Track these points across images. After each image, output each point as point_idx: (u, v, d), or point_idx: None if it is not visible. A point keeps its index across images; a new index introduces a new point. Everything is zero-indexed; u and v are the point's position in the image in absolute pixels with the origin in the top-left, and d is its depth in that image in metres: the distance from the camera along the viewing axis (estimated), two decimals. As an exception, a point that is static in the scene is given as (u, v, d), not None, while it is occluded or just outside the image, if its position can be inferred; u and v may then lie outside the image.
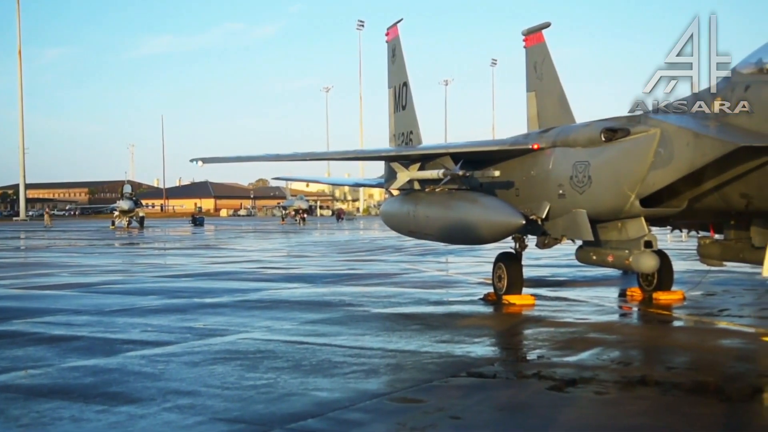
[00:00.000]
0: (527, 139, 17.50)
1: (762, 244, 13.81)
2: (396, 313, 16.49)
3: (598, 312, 16.43)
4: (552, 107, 20.44)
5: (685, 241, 32.05)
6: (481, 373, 10.53)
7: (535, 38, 21.23)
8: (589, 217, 15.11)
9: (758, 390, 9.59)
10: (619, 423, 8.20)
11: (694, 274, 21.50)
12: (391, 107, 24.93)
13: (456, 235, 17.36)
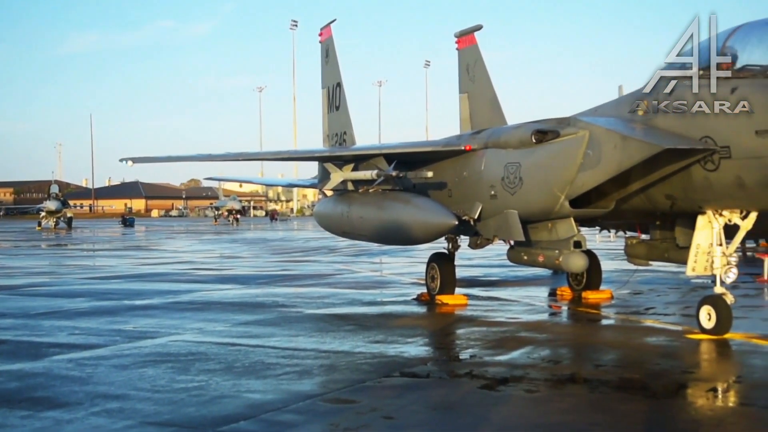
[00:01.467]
0: (460, 140, 17.66)
1: (686, 244, 14.16)
2: (330, 313, 16.47)
3: (529, 311, 16.68)
4: (484, 109, 20.66)
5: (613, 241, 32.70)
6: (414, 372, 10.59)
7: (467, 40, 21.45)
8: (521, 217, 15.31)
9: (682, 386, 9.85)
10: (549, 420, 8.34)
11: (622, 274, 21.96)
12: (325, 108, 24.89)
13: (389, 235, 17.42)
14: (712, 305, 13.08)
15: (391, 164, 16.91)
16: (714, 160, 11.88)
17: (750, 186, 11.59)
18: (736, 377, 10.50)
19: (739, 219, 12.93)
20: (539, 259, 15.95)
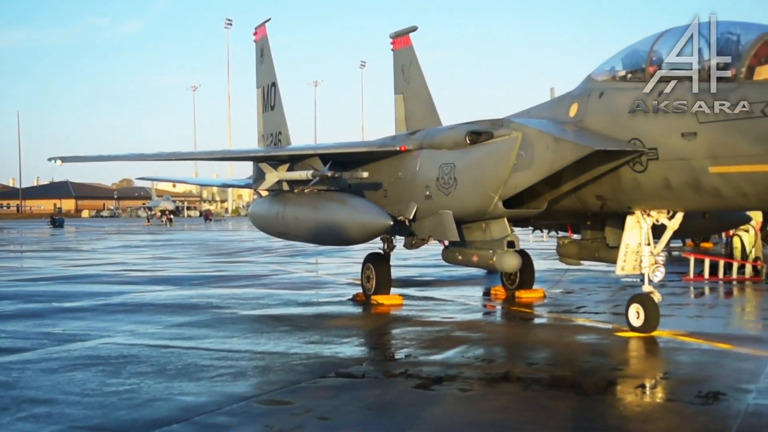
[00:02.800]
0: (395, 141, 17.73)
1: (616, 244, 14.48)
2: (265, 314, 16.36)
3: (463, 311, 16.83)
4: (419, 109, 20.81)
5: (546, 241, 33.26)
6: (349, 373, 10.60)
7: (402, 41, 21.57)
8: (455, 217, 15.45)
9: (612, 383, 10.07)
10: (482, 418, 8.43)
11: (554, 273, 22.33)
12: (260, 107, 24.71)
13: (325, 236, 17.38)
14: (640, 303, 13.40)
15: (326, 164, 16.88)
16: (642, 162, 12.15)
17: (676, 187, 11.90)
18: (663, 374, 10.75)
19: (666, 219, 13.27)
20: (473, 259, 16.11)
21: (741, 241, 23.81)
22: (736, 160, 10.82)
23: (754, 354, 11.87)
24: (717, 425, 8.10)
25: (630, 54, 12.87)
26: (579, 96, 13.56)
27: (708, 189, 11.46)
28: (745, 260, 23.48)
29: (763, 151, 10.39)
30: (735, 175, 10.95)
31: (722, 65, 11.19)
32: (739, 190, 11.10)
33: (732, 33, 11.35)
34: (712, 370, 10.79)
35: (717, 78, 11.14)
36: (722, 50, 11.32)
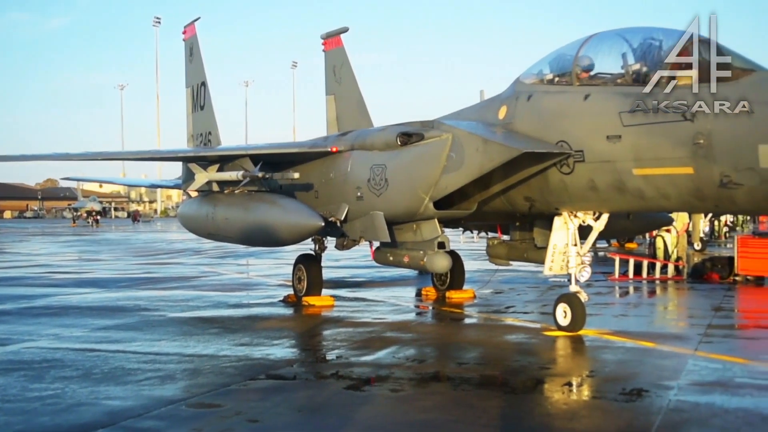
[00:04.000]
0: (326, 141, 17.71)
1: (544, 244, 14.72)
2: (194, 316, 16.17)
3: (394, 311, 16.90)
4: (351, 111, 20.84)
5: (476, 241, 33.58)
6: (280, 374, 10.55)
7: (333, 42, 21.58)
8: (386, 218, 15.50)
9: (540, 381, 10.23)
10: (413, 418, 8.48)
11: (484, 273, 22.59)
12: (189, 107, 24.42)
13: (255, 237, 17.24)
14: (567, 303, 13.65)
15: (257, 165, 16.76)
16: (569, 164, 12.39)
17: (602, 188, 12.16)
18: (589, 372, 10.98)
19: (592, 220, 13.55)
20: (404, 260, 16.19)
21: (664, 241, 24.52)
22: (659, 163, 11.11)
23: (676, 351, 12.22)
24: (640, 421, 8.31)
25: (557, 58, 13.12)
26: (508, 99, 13.75)
27: (632, 191, 11.75)
28: (667, 260, 24.16)
29: (683, 154, 10.68)
30: (657, 177, 11.25)
31: (644, 70, 11.50)
32: (661, 191, 11.40)
33: (655, 39, 11.66)
34: (635, 367, 11.07)
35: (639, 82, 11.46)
36: (644, 56, 11.63)
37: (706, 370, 10.80)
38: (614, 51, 12.17)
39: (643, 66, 11.57)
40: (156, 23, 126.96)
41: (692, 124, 10.51)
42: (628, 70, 11.78)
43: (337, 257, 27.42)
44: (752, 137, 9.92)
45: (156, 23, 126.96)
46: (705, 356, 11.73)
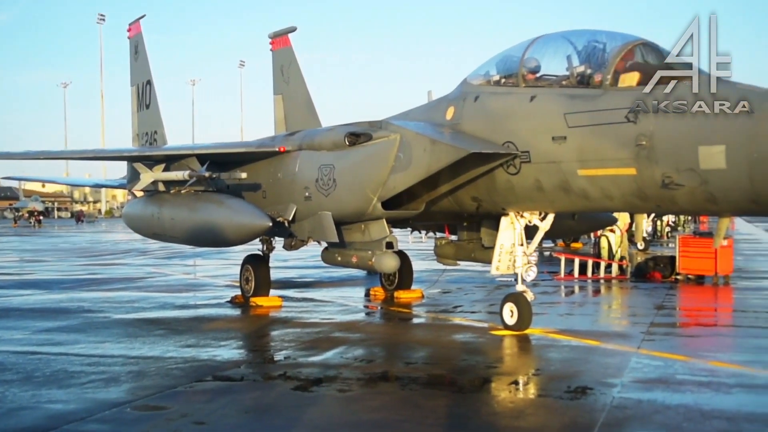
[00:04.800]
0: (274, 141, 17.63)
1: (491, 244, 14.86)
2: (139, 318, 15.95)
3: (343, 312, 16.89)
4: (299, 110, 20.77)
5: (425, 242, 33.73)
6: (227, 376, 10.47)
7: (281, 42, 21.49)
8: (335, 219, 15.48)
9: (487, 380, 10.32)
10: (360, 418, 8.49)
11: (432, 273, 22.70)
12: (135, 106, 24.08)
13: (202, 237, 17.08)
14: (514, 302, 13.80)
15: (204, 165, 16.61)
16: (516, 164, 12.51)
17: (547, 189, 12.31)
18: (535, 370, 11.11)
19: (538, 220, 13.72)
20: (353, 260, 16.19)
21: (608, 241, 24.93)
22: (602, 164, 11.28)
23: (620, 349, 12.43)
24: (584, 419, 8.43)
25: (504, 59, 13.25)
26: (455, 99, 13.84)
27: (577, 191, 11.91)
28: (611, 260, 24.56)
29: (626, 156, 10.86)
30: (601, 177, 11.42)
31: (588, 73, 11.68)
32: (605, 192, 11.57)
33: (598, 41, 11.84)
34: (580, 365, 11.23)
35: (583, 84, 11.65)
36: (589, 58, 11.81)
37: (648, 368, 11.02)
38: (559, 53, 12.34)
39: (588, 68, 11.75)
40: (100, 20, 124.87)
41: (635, 126, 10.69)
42: (573, 72, 11.95)
43: (285, 257, 27.30)
44: (692, 139, 10.12)
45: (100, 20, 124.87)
46: (647, 354, 11.96)
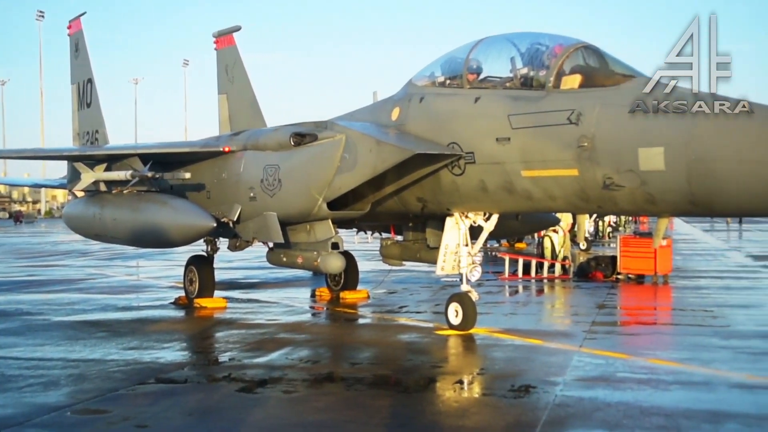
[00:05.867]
0: (218, 141, 17.49)
1: (436, 245, 14.93)
2: (80, 320, 15.68)
3: (288, 312, 16.82)
4: (243, 110, 20.64)
5: (370, 242, 33.75)
6: (170, 378, 10.35)
7: (226, 41, 21.33)
8: (280, 219, 15.40)
9: (432, 380, 10.38)
10: (305, 419, 8.47)
11: (378, 274, 22.72)
12: (75, 104, 23.67)
13: (145, 238, 16.84)
14: (458, 302, 13.89)
15: (146, 165, 16.38)
16: (460, 165, 12.60)
17: (492, 190, 12.42)
18: (480, 369, 11.21)
19: (482, 221, 13.83)
20: (298, 261, 16.12)
21: (551, 241, 25.26)
22: (545, 165, 11.42)
23: (562, 348, 12.60)
24: (527, 417, 8.53)
25: (448, 61, 13.35)
26: (400, 100, 13.89)
27: (520, 192, 12.04)
28: (554, 260, 24.90)
29: (568, 157, 11.01)
30: (544, 178, 11.56)
31: (532, 75, 11.82)
32: (547, 192, 11.72)
33: (541, 44, 12.00)
34: (524, 364, 11.36)
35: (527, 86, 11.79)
36: (532, 60, 11.96)
37: (590, 366, 11.20)
38: (503, 55, 12.47)
39: (531, 70, 11.89)
40: (39, 17, 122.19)
41: (577, 128, 10.84)
42: (516, 74, 12.08)
43: (230, 258, 27.07)
44: (633, 141, 10.31)
45: (39, 17, 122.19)
46: (589, 352, 12.15)
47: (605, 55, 11.44)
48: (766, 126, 9.36)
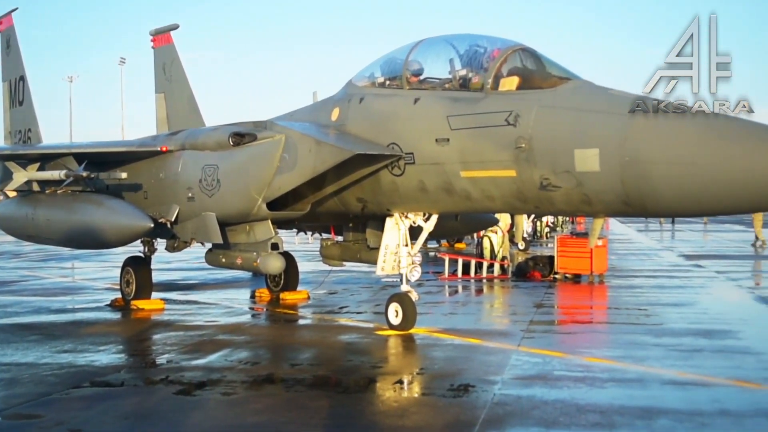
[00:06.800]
0: (156, 141, 17.25)
1: (376, 245, 14.95)
2: (12, 323, 15.29)
3: (227, 314, 16.67)
4: (181, 109, 20.42)
5: (311, 243, 33.66)
6: (106, 381, 10.19)
7: (163, 39, 21.06)
8: (219, 220, 15.26)
9: (372, 380, 10.40)
10: (244, 421, 8.41)
11: (318, 274, 22.66)
12: (6, 102, 23.11)
13: (80, 239, 16.51)
14: (399, 302, 13.94)
15: (81, 164, 16.07)
16: (400, 166, 12.64)
17: (431, 190, 12.49)
18: (419, 369, 11.27)
19: (422, 221, 13.90)
20: (237, 262, 15.99)
21: (490, 241, 25.51)
22: (484, 166, 11.52)
23: (501, 347, 12.73)
24: (466, 416, 8.61)
25: (388, 61, 13.38)
26: (340, 101, 13.89)
27: (459, 192, 12.13)
28: (493, 259, 25.14)
29: (506, 158, 11.12)
30: (483, 179, 11.66)
31: (470, 76, 11.92)
32: (486, 193, 11.83)
33: (480, 46, 12.10)
34: (463, 363, 11.45)
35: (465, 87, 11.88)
36: (471, 62, 12.05)
37: (527, 365, 11.34)
38: (442, 56, 12.54)
39: (470, 72, 11.98)
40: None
41: (515, 129, 10.95)
42: (455, 75, 12.16)
43: (168, 259, 26.71)
44: (569, 142, 10.46)
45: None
46: (527, 351, 12.31)
47: (542, 58, 11.60)
48: (697, 128, 9.58)
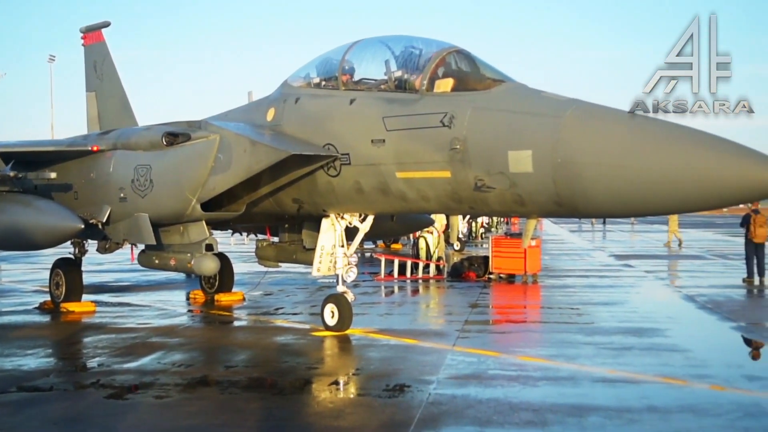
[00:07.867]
0: (86, 140, 16.91)
1: (312, 246, 14.93)
2: (-65, 328, 14.84)
3: (161, 316, 16.44)
4: (113, 108, 20.08)
5: (247, 243, 33.40)
6: (34, 386, 9.96)
7: (94, 36, 20.67)
8: (152, 220, 15.02)
9: (308, 381, 10.38)
10: (177, 425, 8.31)
11: (254, 276, 22.53)
12: (-70, 99, 22.38)
13: (7, 240, 16.01)
14: (335, 303, 13.94)
15: (8, 164, 15.65)
16: (336, 167, 12.64)
17: (367, 191, 12.51)
18: (355, 370, 11.28)
19: (358, 222, 13.92)
20: (171, 263, 15.77)
21: (426, 242, 25.68)
22: (419, 167, 11.59)
23: (436, 347, 12.83)
24: (402, 416, 8.65)
25: (323, 62, 13.37)
26: (276, 101, 13.82)
27: (395, 193, 12.17)
28: (429, 260, 25.31)
29: (441, 159, 11.20)
30: (418, 180, 11.72)
31: (406, 78, 11.97)
32: (421, 194, 11.90)
33: (415, 47, 12.17)
34: (399, 364, 11.50)
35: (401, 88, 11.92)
36: (406, 63, 12.10)
37: (462, 364, 11.45)
38: (377, 58, 12.56)
39: (405, 73, 12.03)
40: None
41: (450, 130, 11.04)
42: (391, 76, 12.20)
43: (99, 261, 26.22)
44: (503, 143, 10.58)
45: None
46: (462, 351, 12.43)
47: (476, 60, 11.72)
48: (625, 131, 9.79)
